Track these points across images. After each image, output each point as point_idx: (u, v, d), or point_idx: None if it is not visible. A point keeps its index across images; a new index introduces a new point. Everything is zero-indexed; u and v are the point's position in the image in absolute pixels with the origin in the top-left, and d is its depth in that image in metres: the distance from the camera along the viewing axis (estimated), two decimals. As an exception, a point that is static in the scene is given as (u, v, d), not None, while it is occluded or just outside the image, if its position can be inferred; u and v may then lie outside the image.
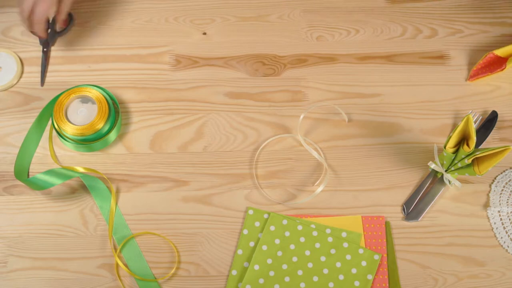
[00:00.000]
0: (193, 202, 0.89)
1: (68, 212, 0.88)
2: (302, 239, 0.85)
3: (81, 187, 0.90)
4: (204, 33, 1.01)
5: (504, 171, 0.91)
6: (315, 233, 0.86)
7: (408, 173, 0.91)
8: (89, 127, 0.89)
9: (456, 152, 0.84)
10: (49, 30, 1.00)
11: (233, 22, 1.01)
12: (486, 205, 0.88)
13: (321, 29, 1.01)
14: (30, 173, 0.91)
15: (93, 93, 0.91)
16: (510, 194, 0.89)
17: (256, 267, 0.84)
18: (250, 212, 0.88)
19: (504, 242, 0.86)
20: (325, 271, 0.84)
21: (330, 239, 0.85)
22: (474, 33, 1.00)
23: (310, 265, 0.84)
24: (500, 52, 0.95)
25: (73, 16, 1.01)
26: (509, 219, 0.87)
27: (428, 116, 0.94)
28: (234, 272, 0.84)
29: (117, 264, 0.85)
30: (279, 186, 0.90)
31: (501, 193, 0.89)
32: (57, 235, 0.87)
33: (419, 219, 0.87)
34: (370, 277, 0.83)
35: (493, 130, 0.93)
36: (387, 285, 0.83)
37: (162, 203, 0.89)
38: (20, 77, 0.97)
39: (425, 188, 0.89)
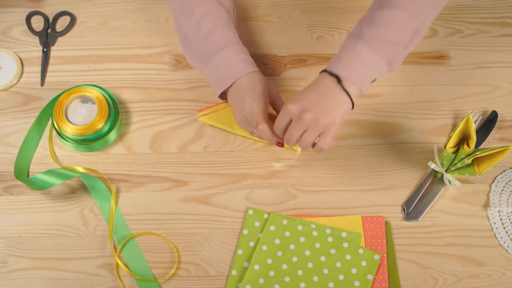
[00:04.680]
0: (193, 202, 0.89)
1: (68, 212, 0.88)
2: (302, 239, 0.85)
3: (81, 187, 0.90)
4: (204, 33, 1.01)
5: (504, 171, 0.91)
6: (315, 233, 0.86)
7: (408, 173, 0.91)
8: (89, 127, 0.89)
9: (456, 152, 0.84)
10: (49, 30, 1.01)
11: (233, 22, 1.01)
12: (486, 205, 0.88)
13: (321, 29, 1.01)
14: (30, 173, 0.91)
15: (93, 93, 0.92)
16: (510, 194, 0.89)
17: (256, 267, 0.84)
18: (250, 212, 0.88)
19: (504, 242, 0.86)
20: (325, 271, 0.84)
21: (330, 239, 0.85)
22: (474, 33, 1.00)
23: (310, 265, 0.84)
24: None
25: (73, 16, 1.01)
26: (509, 219, 0.87)
27: (428, 116, 0.94)
28: (234, 272, 0.84)
29: (117, 264, 0.85)
30: (279, 186, 0.90)
31: (501, 193, 0.89)
32: (57, 235, 0.87)
33: (419, 219, 0.87)
34: (370, 277, 0.83)
35: (493, 130, 0.93)
36: (387, 285, 0.83)
37: (162, 203, 0.89)
38: (20, 77, 0.97)
39: (425, 188, 0.89)
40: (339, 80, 0.78)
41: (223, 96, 0.89)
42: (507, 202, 0.88)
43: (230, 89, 0.86)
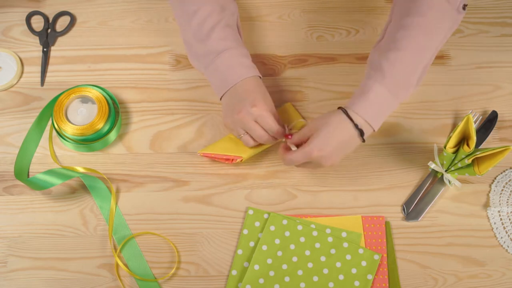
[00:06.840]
0: (193, 202, 0.89)
1: (68, 212, 0.88)
2: (302, 239, 0.85)
3: (81, 187, 0.90)
4: (204, 33, 1.01)
5: (504, 171, 0.91)
6: (315, 233, 0.86)
7: (408, 173, 0.91)
8: (89, 127, 0.89)
9: (456, 152, 0.84)
10: (49, 30, 1.01)
11: (233, 22, 1.01)
12: (486, 205, 0.89)
13: (321, 29, 1.01)
14: (30, 173, 0.91)
15: (93, 93, 0.92)
16: (510, 194, 0.89)
17: (256, 267, 0.84)
18: (250, 212, 0.88)
19: (504, 242, 0.86)
20: (325, 271, 0.84)
21: (330, 239, 0.85)
22: (474, 33, 1.00)
23: (310, 265, 0.84)
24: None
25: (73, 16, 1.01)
26: (509, 219, 0.87)
27: (428, 116, 0.94)
28: (234, 272, 0.84)
29: (117, 264, 0.85)
30: (279, 186, 0.90)
31: (501, 193, 0.89)
32: (57, 235, 0.87)
33: (419, 219, 0.87)
34: (370, 277, 0.83)
35: (493, 130, 0.93)
36: (387, 285, 0.83)
37: (162, 203, 0.89)
38: (20, 77, 0.97)
39: (425, 188, 0.89)
40: (360, 130, 0.80)
41: None
42: (507, 202, 0.88)
43: (228, 92, 0.85)
